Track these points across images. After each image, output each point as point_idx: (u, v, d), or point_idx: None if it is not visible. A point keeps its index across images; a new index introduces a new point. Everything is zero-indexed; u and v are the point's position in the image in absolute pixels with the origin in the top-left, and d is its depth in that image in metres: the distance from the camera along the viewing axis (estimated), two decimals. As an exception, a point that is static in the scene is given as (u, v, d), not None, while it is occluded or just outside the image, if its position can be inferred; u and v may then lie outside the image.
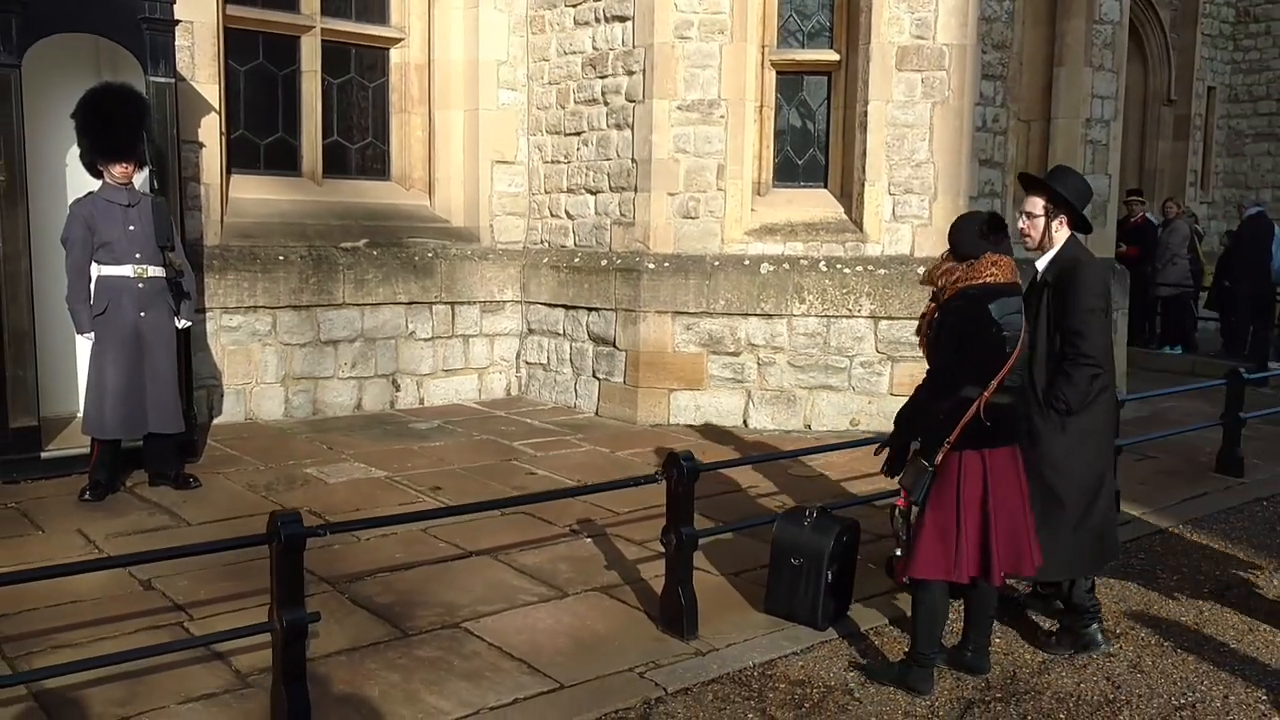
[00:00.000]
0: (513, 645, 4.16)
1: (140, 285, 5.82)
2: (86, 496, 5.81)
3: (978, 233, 3.86)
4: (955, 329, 3.83)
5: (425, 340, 8.93)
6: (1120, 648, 4.36)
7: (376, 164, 9.36)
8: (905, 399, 8.30)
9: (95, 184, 6.10)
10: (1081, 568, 4.34)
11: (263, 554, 4.69)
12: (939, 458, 3.81)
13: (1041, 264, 4.31)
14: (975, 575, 3.87)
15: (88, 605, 4.38)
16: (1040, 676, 4.08)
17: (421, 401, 8.92)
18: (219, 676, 3.82)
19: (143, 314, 5.84)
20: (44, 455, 6.21)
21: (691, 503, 4.27)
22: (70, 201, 6.37)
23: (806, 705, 3.80)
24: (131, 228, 5.79)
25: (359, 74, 9.18)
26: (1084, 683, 4.03)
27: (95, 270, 5.78)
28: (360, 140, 9.23)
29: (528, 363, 9.45)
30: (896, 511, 3.98)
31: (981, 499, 3.81)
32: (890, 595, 4.76)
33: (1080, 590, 4.37)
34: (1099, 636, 4.31)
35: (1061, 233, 4.28)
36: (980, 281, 3.80)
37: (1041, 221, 4.27)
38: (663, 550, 4.93)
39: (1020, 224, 4.36)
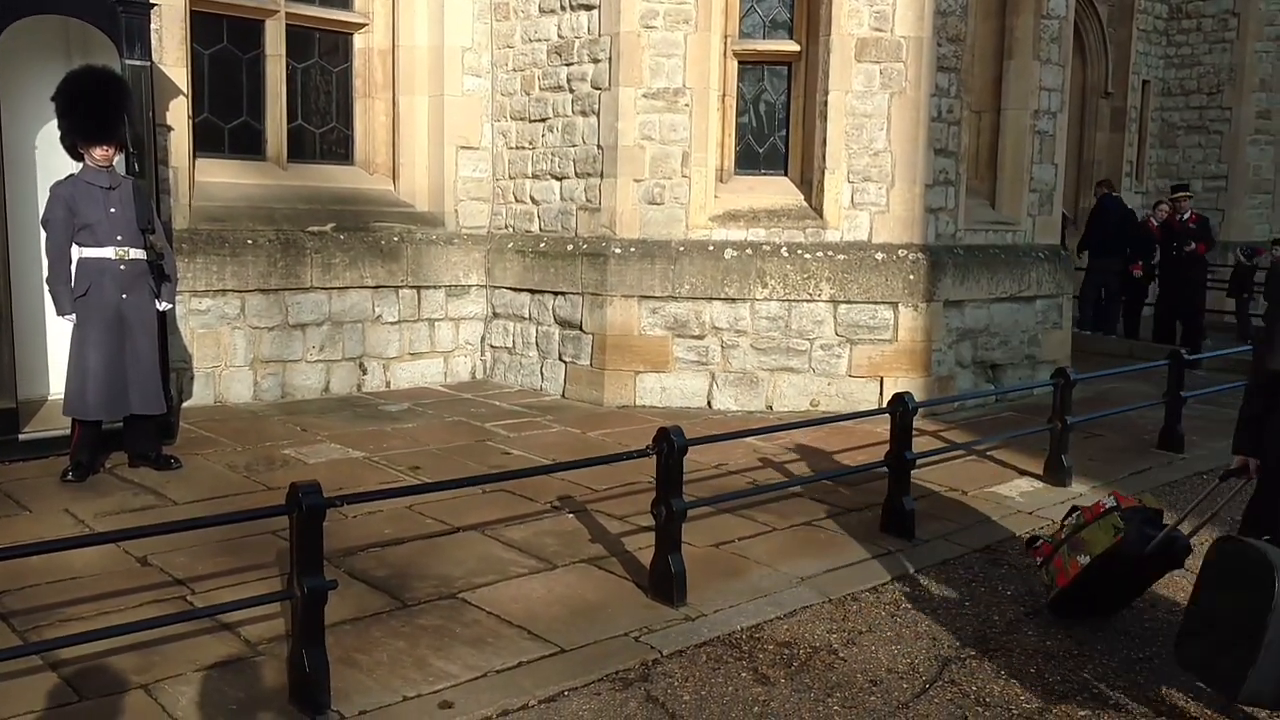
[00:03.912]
0: (510, 613, 4.33)
1: (122, 267, 5.86)
2: (69, 477, 5.85)
3: None
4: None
5: (392, 324, 9.02)
6: (1081, 609, 4.66)
7: (340, 148, 9.40)
8: (863, 380, 8.62)
9: (63, 166, 6.14)
10: None
11: (254, 530, 4.90)
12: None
13: None
14: None
15: (88, 581, 4.46)
16: (1009, 635, 4.35)
17: (388, 384, 9.01)
18: (229, 645, 3.94)
19: (124, 296, 5.87)
20: (21, 437, 6.22)
21: (681, 476, 4.47)
22: (41, 183, 6.41)
23: (795, 664, 4.03)
24: (113, 210, 5.82)
25: (323, 59, 9.22)
26: (1050, 640, 4.31)
27: (76, 252, 5.80)
28: (324, 125, 9.26)
29: (493, 346, 9.57)
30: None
31: None
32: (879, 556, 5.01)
33: None
34: None
35: None
36: None
37: None
38: (641, 525, 5.17)
39: None
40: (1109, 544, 4.20)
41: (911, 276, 8.31)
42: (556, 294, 8.85)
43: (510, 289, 9.32)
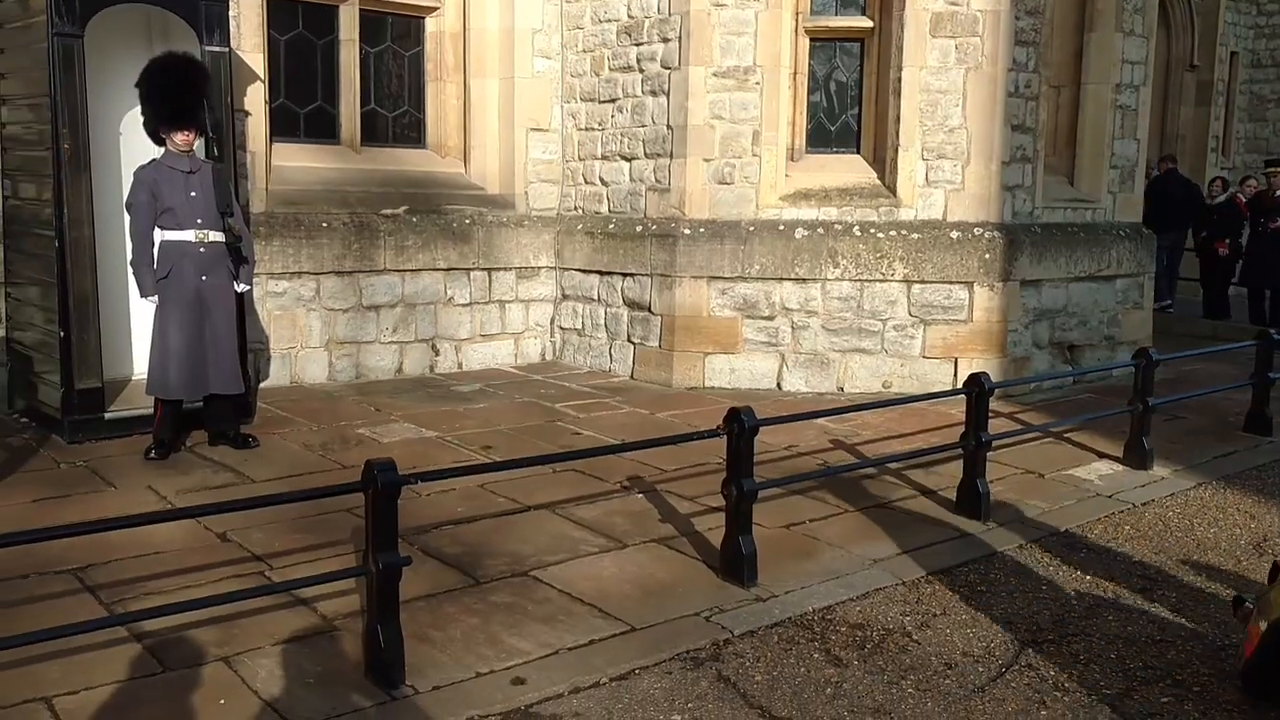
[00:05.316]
0: (581, 591, 4.35)
1: (202, 250, 5.99)
2: (152, 455, 6.00)
3: None
4: None
5: (463, 305, 9.10)
6: (1164, 594, 4.54)
7: (412, 132, 9.48)
8: (937, 362, 8.49)
9: (144, 152, 6.28)
10: None
11: (330, 507, 4.97)
12: None
13: None
14: None
15: (170, 556, 4.57)
16: (1088, 620, 4.26)
17: (460, 366, 9.10)
18: (306, 620, 4.00)
19: (204, 278, 6.00)
20: (107, 416, 6.40)
21: (752, 456, 4.44)
22: (125, 169, 6.55)
23: (868, 646, 3.99)
24: (193, 194, 5.95)
25: (395, 43, 9.29)
26: (1130, 626, 4.21)
27: (158, 235, 5.94)
28: (396, 109, 9.35)
29: (562, 328, 9.61)
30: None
31: None
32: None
33: None
34: None
35: None
36: None
37: None
38: (711, 505, 5.16)
39: None
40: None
41: (987, 255, 8.14)
42: (625, 275, 8.85)
43: (579, 270, 9.34)
